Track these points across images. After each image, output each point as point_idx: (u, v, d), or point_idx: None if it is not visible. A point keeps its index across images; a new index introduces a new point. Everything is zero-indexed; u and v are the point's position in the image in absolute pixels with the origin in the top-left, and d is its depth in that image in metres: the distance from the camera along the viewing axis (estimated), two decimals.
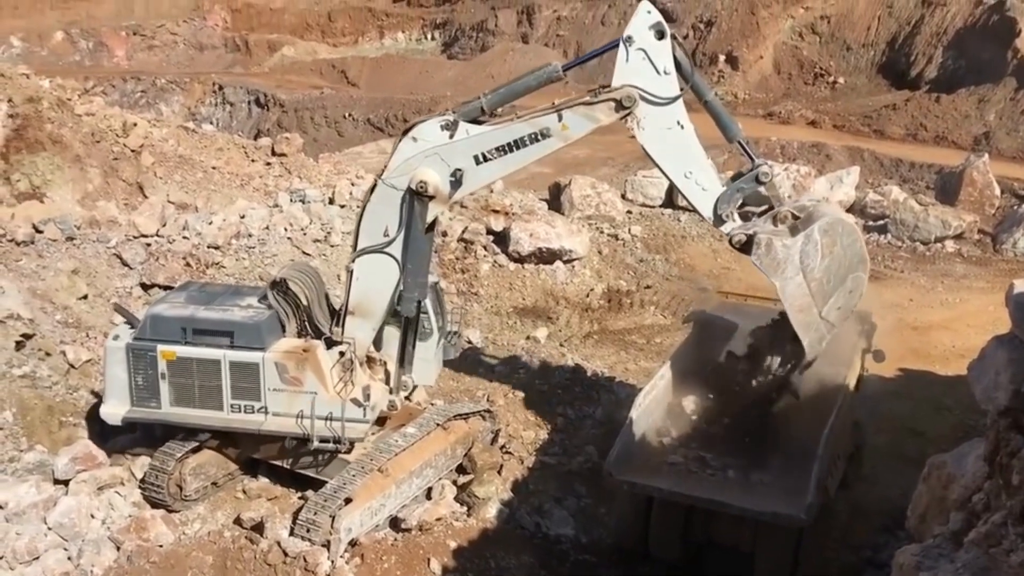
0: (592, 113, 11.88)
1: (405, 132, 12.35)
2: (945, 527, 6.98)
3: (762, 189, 12.16)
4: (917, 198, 29.48)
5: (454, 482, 14.65)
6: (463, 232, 23.13)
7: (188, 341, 13.17)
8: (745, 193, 12.04)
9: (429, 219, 12.69)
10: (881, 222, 28.29)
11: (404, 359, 13.84)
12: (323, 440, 13.04)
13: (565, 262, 22.99)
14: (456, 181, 12.20)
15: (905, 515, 8.84)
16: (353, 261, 13.11)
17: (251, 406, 13.22)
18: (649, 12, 11.60)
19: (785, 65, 51.77)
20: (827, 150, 36.89)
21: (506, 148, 12.03)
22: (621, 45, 11.67)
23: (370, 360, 13.74)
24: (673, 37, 11.65)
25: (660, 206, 28.65)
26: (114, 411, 13.46)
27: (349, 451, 13.54)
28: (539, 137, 11.97)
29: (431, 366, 14.55)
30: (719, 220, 12.11)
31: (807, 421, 12.81)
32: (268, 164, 28.85)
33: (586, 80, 30.17)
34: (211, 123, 52.29)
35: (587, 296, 22.37)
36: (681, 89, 11.73)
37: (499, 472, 14.90)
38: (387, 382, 13.77)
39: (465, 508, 13.91)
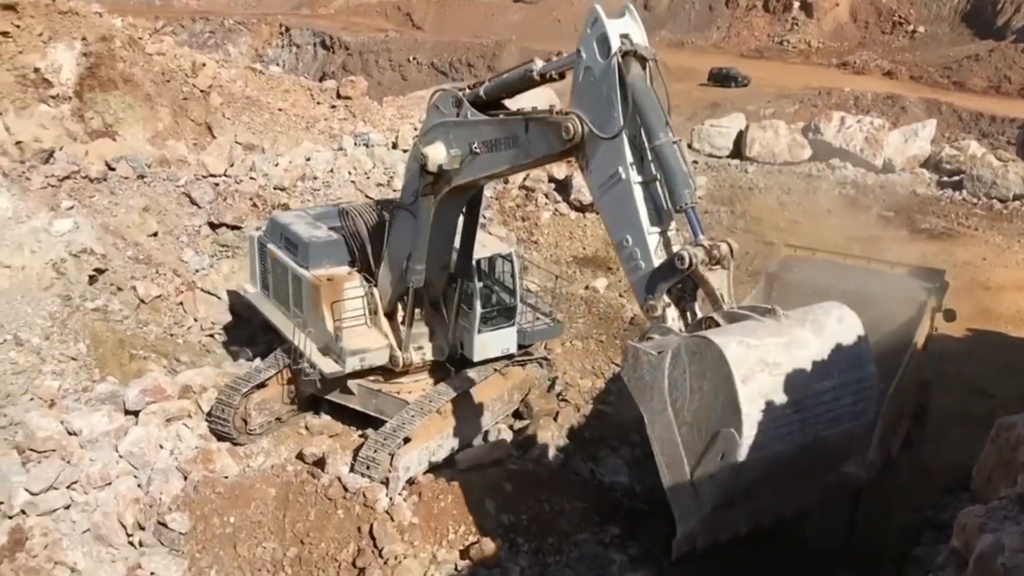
0: (545, 135, 9.73)
1: (432, 96, 11.89)
2: (1012, 489, 6.87)
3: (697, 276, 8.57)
4: (996, 153, 28.41)
5: (510, 427, 14.79)
6: (524, 179, 23.00)
7: (281, 246, 14.76)
8: (669, 282, 8.69)
9: (436, 196, 11.96)
10: (956, 178, 27.37)
11: (414, 321, 13.66)
12: (311, 365, 13.76)
13: None
14: (450, 163, 11.34)
15: (969, 476, 8.71)
16: (391, 212, 13.30)
17: (300, 317, 14.19)
18: (595, 21, 8.86)
19: (862, 12, 50.10)
20: (903, 102, 35.72)
21: (489, 145, 10.84)
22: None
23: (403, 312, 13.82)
24: (628, 56, 8.65)
25: (727, 156, 28.10)
26: (250, 288, 16.29)
27: (326, 387, 14.19)
28: (511, 143, 10.44)
29: (473, 341, 13.93)
30: (644, 311, 8.97)
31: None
32: (333, 107, 29.00)
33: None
34: (277, 65, 52.71)
35: None
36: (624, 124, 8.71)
37: (555, 419, 15.01)
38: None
39: (521, 452, 14.05)
